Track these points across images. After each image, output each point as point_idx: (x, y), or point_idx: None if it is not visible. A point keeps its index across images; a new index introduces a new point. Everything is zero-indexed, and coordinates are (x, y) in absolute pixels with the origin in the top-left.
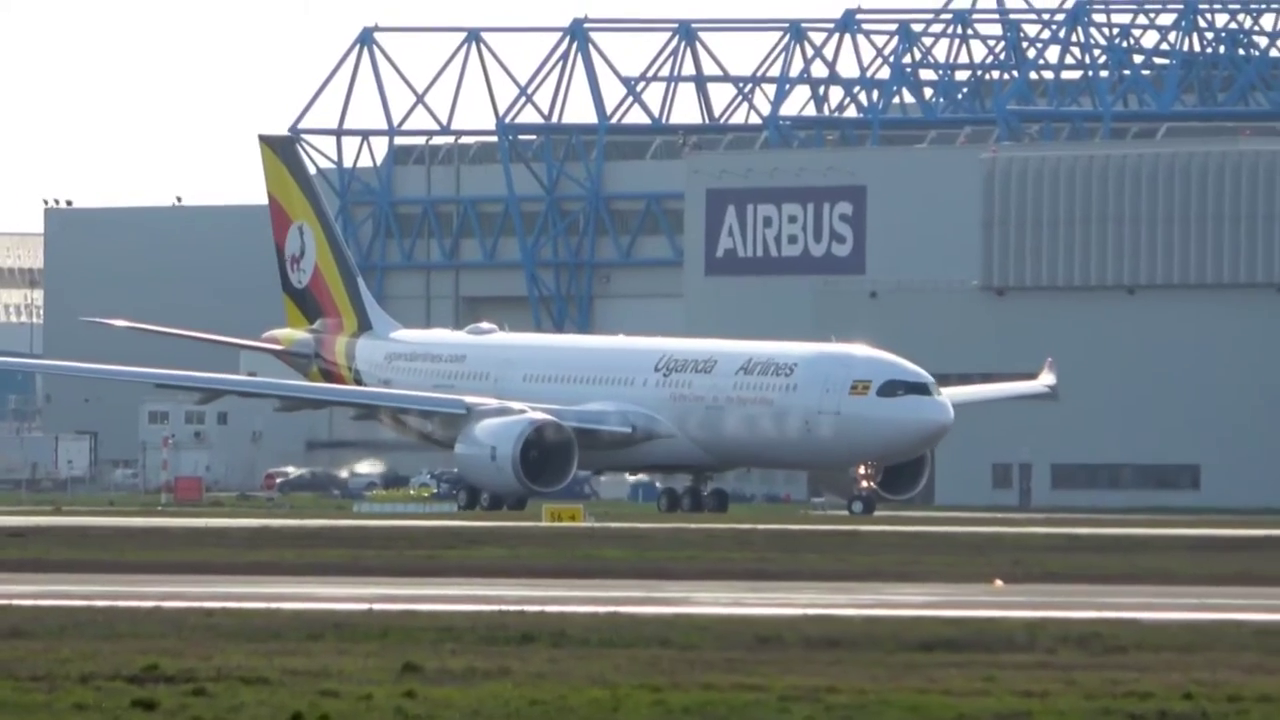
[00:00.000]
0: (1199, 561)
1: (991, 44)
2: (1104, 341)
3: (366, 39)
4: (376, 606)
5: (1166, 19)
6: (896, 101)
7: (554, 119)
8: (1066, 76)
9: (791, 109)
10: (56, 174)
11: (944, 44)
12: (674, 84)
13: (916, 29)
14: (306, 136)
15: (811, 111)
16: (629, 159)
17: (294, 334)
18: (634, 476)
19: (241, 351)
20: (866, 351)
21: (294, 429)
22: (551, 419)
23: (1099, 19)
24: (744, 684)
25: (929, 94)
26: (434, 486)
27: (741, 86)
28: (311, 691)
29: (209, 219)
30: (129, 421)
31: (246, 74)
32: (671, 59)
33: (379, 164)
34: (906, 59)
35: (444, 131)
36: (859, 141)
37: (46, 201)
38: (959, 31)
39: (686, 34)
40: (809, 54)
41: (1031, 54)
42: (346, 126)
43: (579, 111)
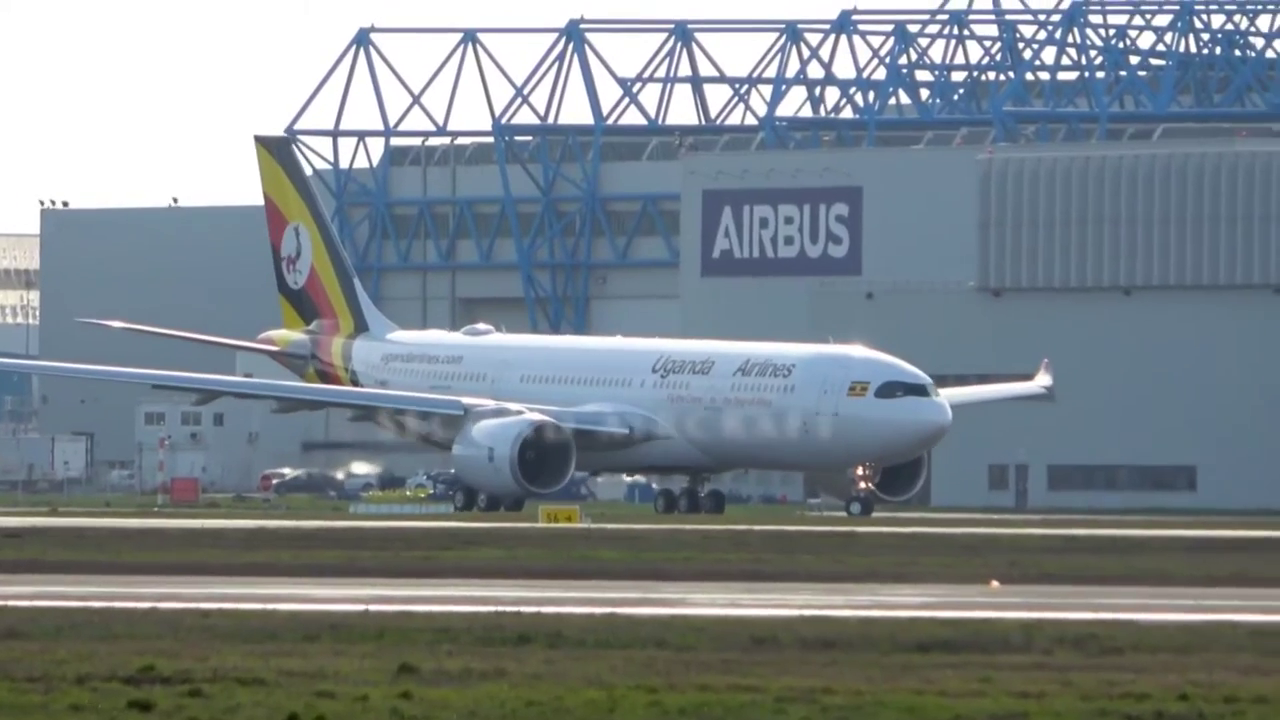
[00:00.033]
0: (1195, 562)
1: (987, 45)
2: (1100, 342)
3: (362, 40)
4: (373, 607)
5: (1163, 20)
6: (893, 102)
7: (550, 120)
8: (1063, 77)
9: (787, 110)
10: (52, 175)
11: (940, 45)
12: (670, 85)
13: (912, 30)
14: (302, 137)
15: (808, 112)
16: (625, 160)
17: (290, 335)
18: (631, 478)
19: (238, 353)
20: (865, 353)
21: (290, 430)
22: (549, 420)
23: (1095, 20)
24: (740, 685)
25: (925, 95)
26: (430, 487)
27: (737, 87)
28: (308, 692)
29: (205, 220)
30: (125, 422)
31: (242, 75)
32: (667, 60)
33: (375, 165)
34: (902, 60)
35: (440, 132)
36: (855, 142)
37: (42, 202)
38: (955, 32)
39: (682, 35)
40: (805, 55)
41: (1028, 55)
42: (342, 127)
43: (575, 112)
